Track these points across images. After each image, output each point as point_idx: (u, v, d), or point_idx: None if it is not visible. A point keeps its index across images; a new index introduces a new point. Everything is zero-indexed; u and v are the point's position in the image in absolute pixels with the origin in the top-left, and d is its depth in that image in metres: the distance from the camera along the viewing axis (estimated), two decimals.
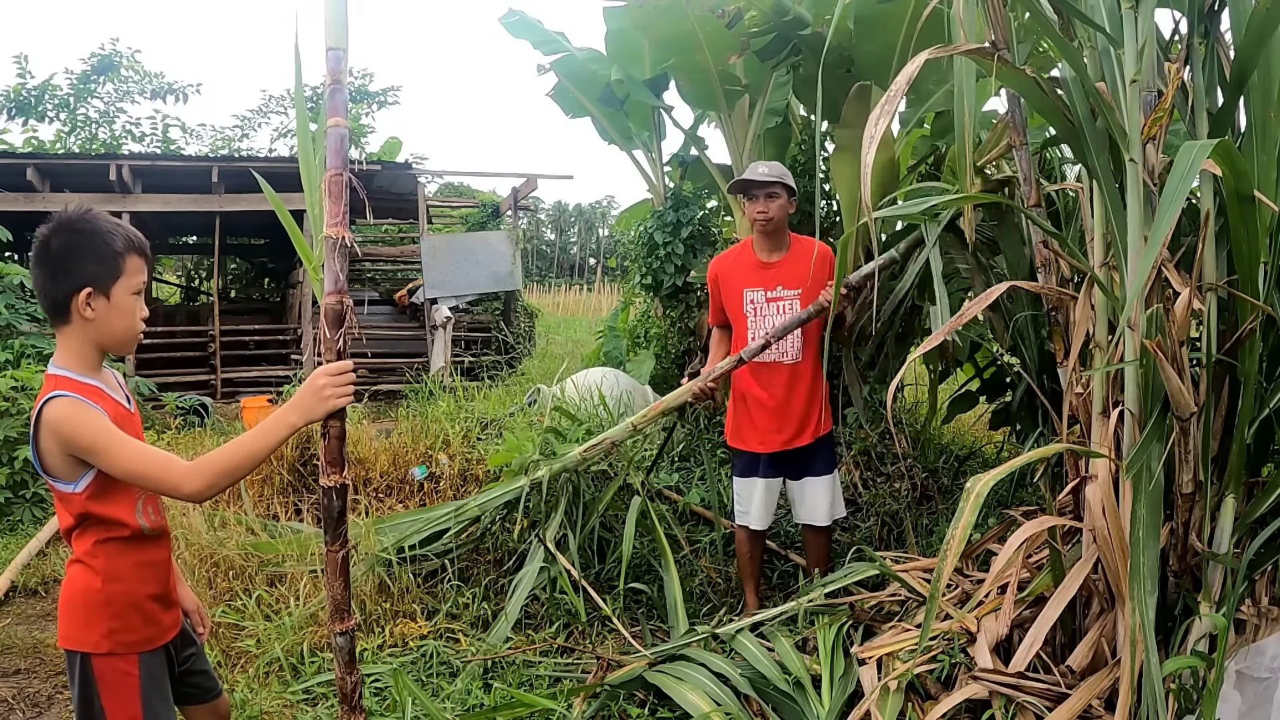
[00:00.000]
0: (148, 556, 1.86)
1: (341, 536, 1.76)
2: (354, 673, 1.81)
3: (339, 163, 1.64)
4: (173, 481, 1.71)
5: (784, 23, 4.71)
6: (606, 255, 29.26)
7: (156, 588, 1.88)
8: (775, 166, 3.56)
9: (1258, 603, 2.37)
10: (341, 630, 1.80)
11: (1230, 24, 2.39)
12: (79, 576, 1.80)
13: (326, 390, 1.73)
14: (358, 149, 15.79)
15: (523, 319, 12.23)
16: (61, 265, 1.74)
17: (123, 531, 1.80)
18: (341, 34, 1.64)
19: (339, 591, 1.77)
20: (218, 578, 3.88)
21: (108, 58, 14.24)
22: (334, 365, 1.75)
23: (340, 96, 1.66)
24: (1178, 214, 1.87)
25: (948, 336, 2.59)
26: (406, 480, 4.86)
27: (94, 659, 1.79)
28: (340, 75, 1.64)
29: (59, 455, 1.71)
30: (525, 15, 6.07)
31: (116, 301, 1.78)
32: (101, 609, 1.78)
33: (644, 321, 7.14)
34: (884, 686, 2.57)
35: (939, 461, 4.83)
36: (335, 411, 1.76)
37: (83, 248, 1.75)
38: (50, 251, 1.75)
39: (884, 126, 2.10)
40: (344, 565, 1.77)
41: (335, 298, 1.66)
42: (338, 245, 1.65)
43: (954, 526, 1.99)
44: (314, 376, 1.75)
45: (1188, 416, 2.22)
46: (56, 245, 1.75)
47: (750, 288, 3.60)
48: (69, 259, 1.74)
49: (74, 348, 1.78)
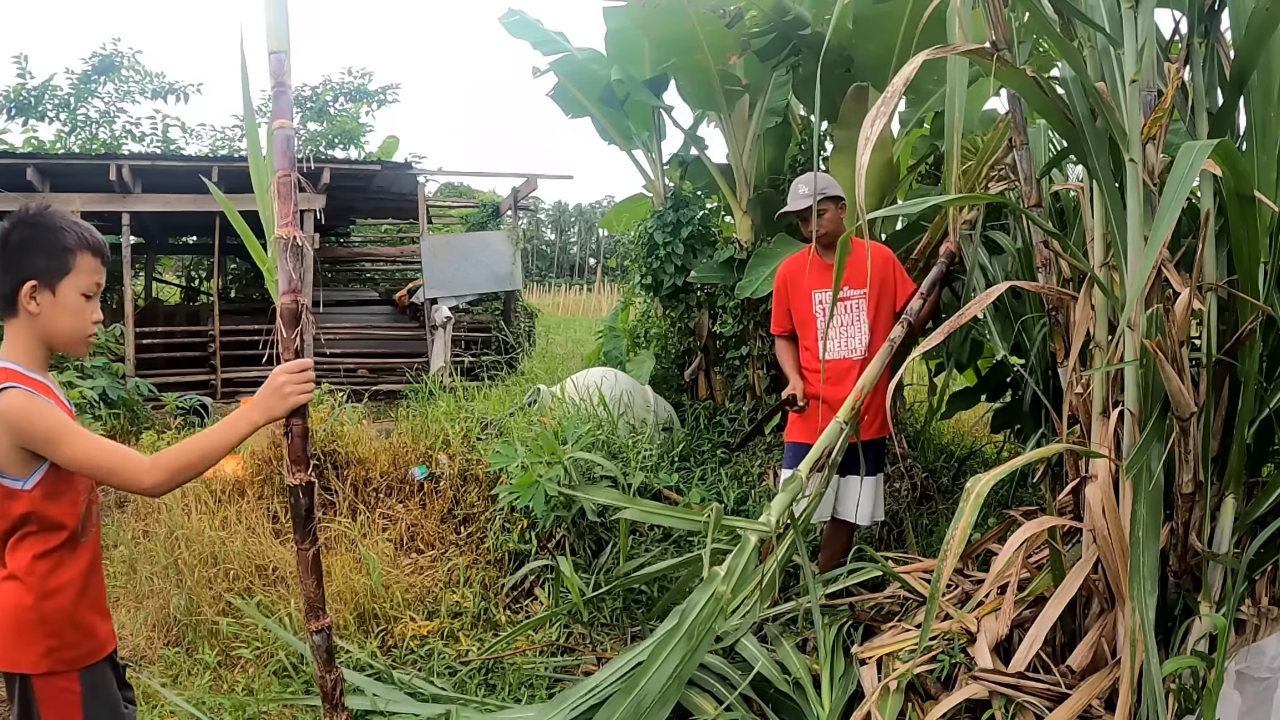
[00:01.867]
0: (81, 564, 1.78)
1: (311, 534, 1.76)
2: (333, 670, 1.80)
3: (286, 164, 1.66)
4: (132, 473, 1.69)
5: (784, 23, 4.71)
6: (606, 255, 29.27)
7: (92, 598, 1.81)
8: (815, 180, 3.64)
9: (1258, 603, 2.37)
10: (317, 629, 1.79)
11: (1230, 24, 2.39)
12: (11, 594, 1.71)
13: (287, 388, 1.74)
14: (357, 149, 15.79)
15: (523, 319, 12.22)
16: (13, 258, 1.73)
17: (59, 538, 1.73)
18: (283, 38, 1.67)
19: (312, 589, 1.77)
20: (218, 578, 3.88)
21: (108, 58, 14.23)
22: (293, 363, 1.76)
23: (285, 99, 1.69)
24: (1178, 214, 1.87)
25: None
26: (406, 480, 4.86)
27: (34, 680, 1.71)
28: (284, 78, 1.67)
29: (9, 449, 1.65)
30: (525, 15, 6.06)
31: (63, 298, 1.75)
32: (37, 627, 1.71)
33: (644, 321, 7.13)
34: (884, 686, 2.57)
35: (939, 461, 4.83)
36: (297, 409, 1.76)
37: (34, 242, 1.74)
38: (7, 245, 1.74)
39: (880, 127, 2.10)
40: (315, 563, 1.77)
41: (290, 297, 1.68)
42: (289, 245, 1.67)
43: (954, 526, 1.99)
44: (274, 375, 1.76)
45: (1188, 416, 2.22)
46: (14, 239, 1.74)
47: (818, 289, 3.67)
48: (20, 252, 1.73)
49: (21, 343, 1.76)
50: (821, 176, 3.80)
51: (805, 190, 3.66)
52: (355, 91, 16.07)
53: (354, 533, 4.20)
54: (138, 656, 3.42)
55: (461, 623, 3.61)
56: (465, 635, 3.52)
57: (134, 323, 9.86)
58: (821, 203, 3.59)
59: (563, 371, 8.02)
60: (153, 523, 4.30)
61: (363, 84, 16.11)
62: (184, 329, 11.52)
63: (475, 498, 4.56)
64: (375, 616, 3.62)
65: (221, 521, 4.31)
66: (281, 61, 1.67)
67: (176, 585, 3.76)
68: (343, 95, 16.04)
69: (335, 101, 16.01)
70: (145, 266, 14.20)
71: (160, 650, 3.45)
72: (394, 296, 13.15)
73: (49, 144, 13.90)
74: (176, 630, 3.55)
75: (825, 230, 3.65)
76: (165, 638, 3.55)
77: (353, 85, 16.06)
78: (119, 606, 3.77)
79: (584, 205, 66.29)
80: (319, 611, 1.79)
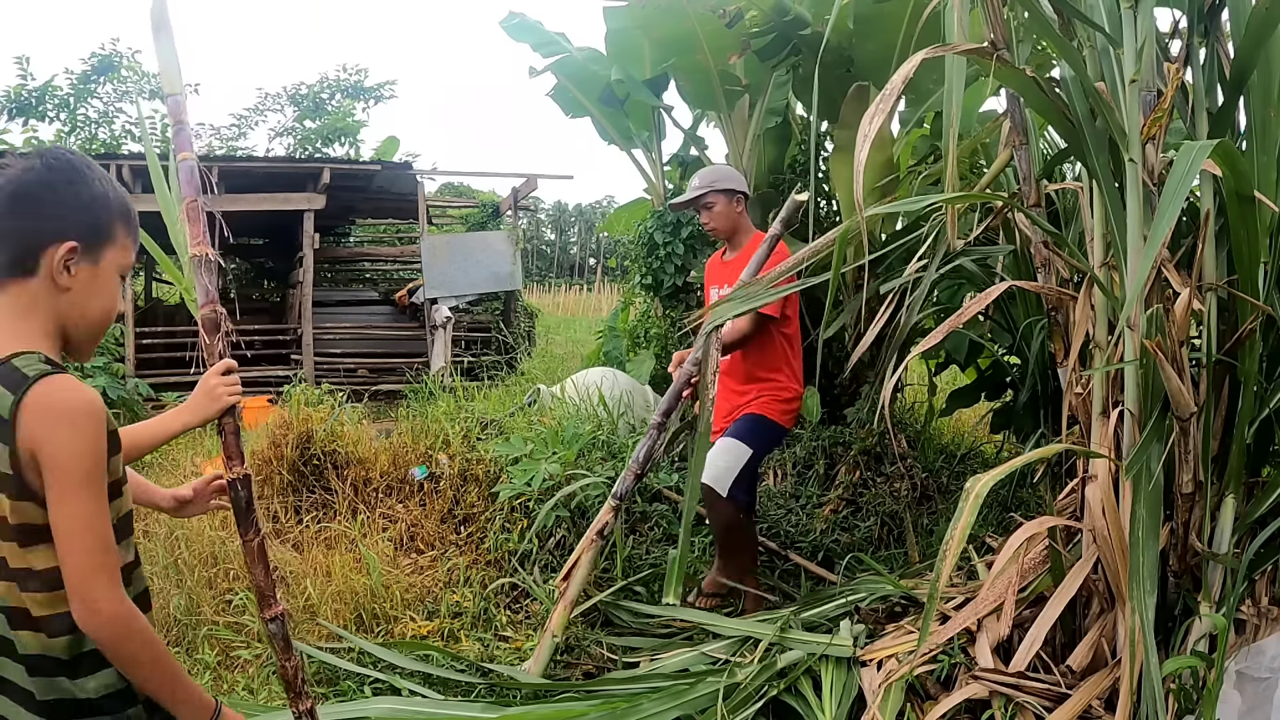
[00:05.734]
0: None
1: (254, 525, 1.83)
2: (292, 658, 1.85)
3: (192, 191, 1.86)
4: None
5: (784, 23, 4.71)
6: (606, 255, 29.25)
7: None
8: (709, 174, 3.56)
9: (1258, 603, 2.37)
10: (270, 617, 1.85)
11: (1230, 24, 2.39)
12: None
13: (219, 390, 1.77)
14: (353, 146, 15.78)
15: (523, 319, 12.22)
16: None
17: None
18: (176, 80, 1.89)
19: (261, 578, 1.84)
20: (218, 578, 3.88)
21: (108, 58, 14.23)
22: (220, 365, 1.81)
23: (184, 135, 1.89)
24: (1177, 214, 1.88)
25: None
26: (406, 480, 4.85)
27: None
28: (181, 116, 1.89)
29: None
30: (525, 17, 6.06)
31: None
32: None
33: (644, 321, 7.13)
34: (885, 687, 2.57)
35: (939, 461, 4.83)
36: (228, 409, 1.83)
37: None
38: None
39: (878, 125, 2.10)
40: (261, 553, 1.85)
41: (209, 308, 1.85)
42: (203, 262, 1.86)
43: (953, 526, 1.98)
44: (205, 378, 1.79)
45: (1188, 416, 2.22)
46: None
47: (715, 285, 3.69)
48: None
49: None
50: (718, 169, 3.76)
51: (697, 184, 3.58)
52: (352, 88, 16.08)
53: (354, 533, 4.20)
54: None
55: (461, 622, 3.61)
56: (465, 635, 3.52)
57: (134, 323, 9.86)
58: (710, 195, 3.52)
59: (563, 371, 8.02)
60: (153, 523, 4.30)
61: (359, 80, 16.11)
62: (184, 329, 11.52)
63: (475, 498, 4.56)
64: (375, 616, 3.62)
65: (221, 521, 4.30)
66: (179, 102, 1.89)
67: (176, 585, 3.76)
68: (339, 92, 16.05)
69: (332, 99, 16.01)
70: (145, 266, 14.20)
71: None
72: (394, 296, 13.14)
73: (49, 144, 13.90)
74: (177, 630, 3.55)
75: (713, 225, 3.58)
76: (165, 638, 3.55)
77: (349, 82, 16.06)
78: None
79: (584, 205, 66.27)
80: (270, 600, 1.85)
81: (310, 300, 10.64)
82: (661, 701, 2.67)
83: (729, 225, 3.59)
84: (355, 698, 2.94)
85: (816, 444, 4.91)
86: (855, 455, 4.61)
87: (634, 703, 2.68)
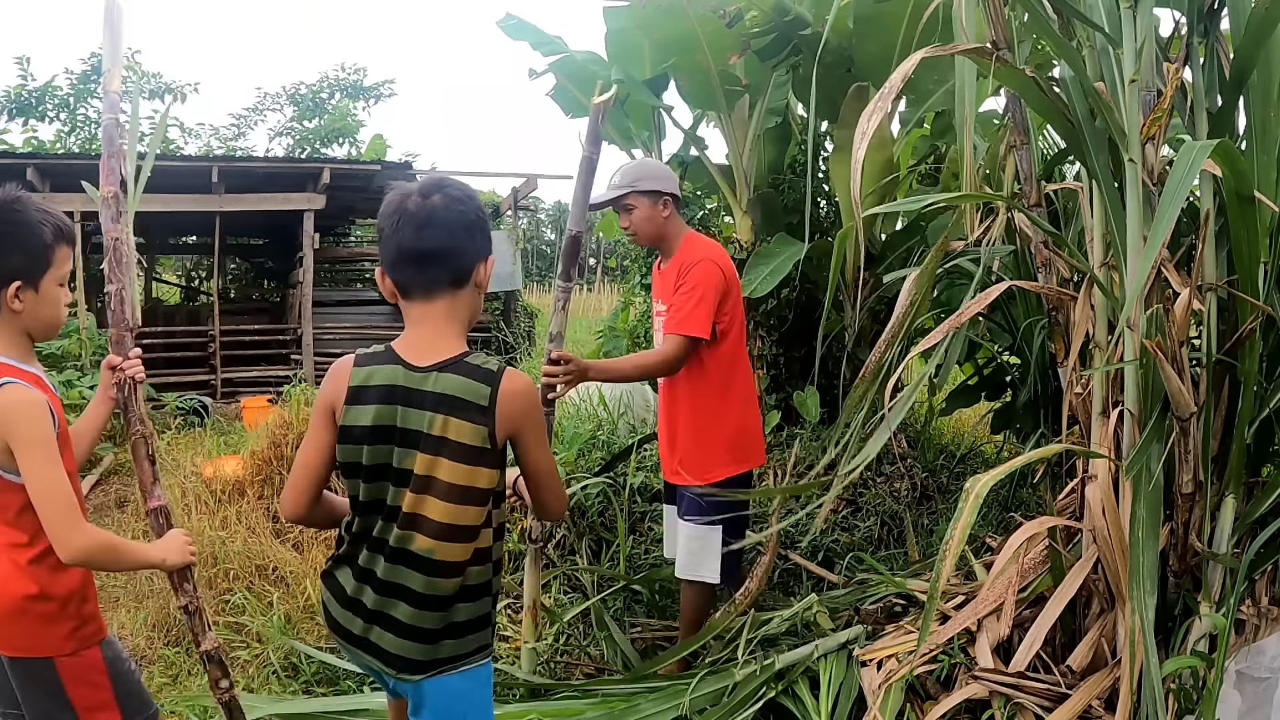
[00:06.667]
0: None
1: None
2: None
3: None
4: (69, 525, 1.69)
5: (784, 23, 4.71)
6: (606, 255, 29.21)
7: (90, 575, 1.90)
8: (631, 171, 3.05)
9: (1258, 603, 2.37)
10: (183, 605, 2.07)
11: (1230, 24, 2.39)
12: (27, 582, 1.75)
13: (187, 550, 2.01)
14: (351, 145, 15.77)
15: (523, 319, 12.22)
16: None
17: None
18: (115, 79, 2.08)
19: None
20: (218, 578, 3.88)
21: None
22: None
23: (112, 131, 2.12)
24: (1177, 214, 1.87)
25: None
26: None
27: (58, 661, 1.77)
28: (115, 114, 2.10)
29: (4, 447, 1.70)
30: (522, 20, 6.05)
31: (45, 293, 1.80)
32: (58, 611, 1.78)
33: (644, 321, 7.13)
34: (885, 687, 2.57)
35: (939, 461, 4.83)
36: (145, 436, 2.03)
37: (13, 239, 1.75)
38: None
39: (876, 124, 2.10)
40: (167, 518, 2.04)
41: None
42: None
43: (953, 526, 1.98)
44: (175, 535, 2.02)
45: (1188, 416, 2.21)
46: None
47: (657, 297, 3.21)
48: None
49: (7, 337, 1.79)
50: (643, 164, 3.21)
51: (618, 180, 3.04)
52: (351, 87, 16.08)
53: None
54: (138, 656, 3.41)
55: None
56: None
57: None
58: (630, 197, 2.98)
59: None
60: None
61: (358, 80, 16.11)
62: (184, 329, 11.52)
63: None
64: None
65: (221, 521, 4.31)
66: (114, 102, 2.09)
67: None
68: (339, 91, 16.04)
69: (331, 98, 16.01)
70: (145, 267, 14.20)
71: (160, 650, 3.44)
72: None
73: (49, 144, 13.90)
74: (176, 630, 3.55)
75: (633, 230, 3.04)
76: (165, 638, 3.55)
77: (348, 81, 16.05)
78: (119, 606, 3.77)
79: None
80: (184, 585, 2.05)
81: (310, 300, 10.64)
82: (660, 701, 2.67)
83: (652, 232, 3.03)
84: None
85: (816, 444, 4.91)
86: None
87: (632, 702, 2.69)
